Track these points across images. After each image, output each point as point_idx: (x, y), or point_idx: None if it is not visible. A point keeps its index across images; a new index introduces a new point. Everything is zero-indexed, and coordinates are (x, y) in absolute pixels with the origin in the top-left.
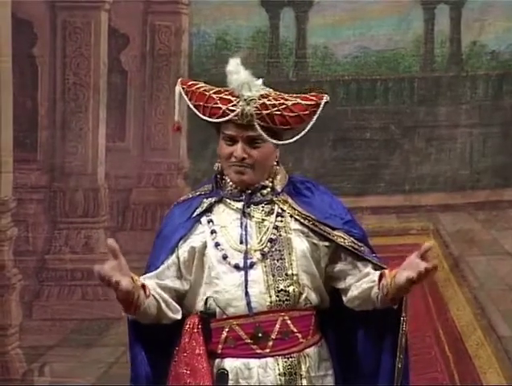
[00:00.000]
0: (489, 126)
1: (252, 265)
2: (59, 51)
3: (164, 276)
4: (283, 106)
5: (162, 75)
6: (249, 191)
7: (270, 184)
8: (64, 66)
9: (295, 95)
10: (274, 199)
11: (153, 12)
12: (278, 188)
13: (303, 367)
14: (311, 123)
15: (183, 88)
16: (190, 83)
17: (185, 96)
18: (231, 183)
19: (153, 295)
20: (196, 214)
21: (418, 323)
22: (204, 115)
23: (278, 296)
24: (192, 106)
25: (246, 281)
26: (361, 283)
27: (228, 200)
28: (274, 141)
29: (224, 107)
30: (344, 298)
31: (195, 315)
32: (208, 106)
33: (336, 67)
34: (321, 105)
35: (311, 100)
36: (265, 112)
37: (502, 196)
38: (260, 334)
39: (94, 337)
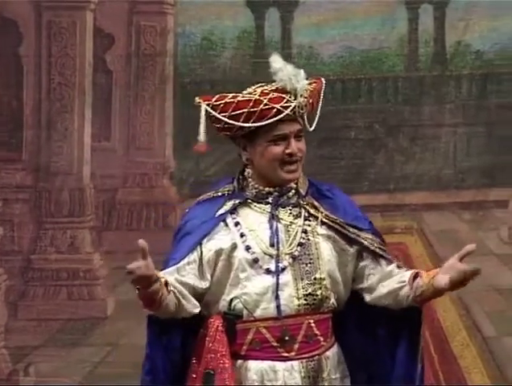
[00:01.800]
0: (473, 126)
1: (283, 269)
2: (44, 51)
3: (185, 271)
4: (315, 92)
5: (147, 75)
6: (277, 193)
7: (295, 186)
8: (49, 66)
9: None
10: (301, 202)
11: (138, 12)
12: (302, 191)
13: (324, 369)
14: (319, 107)
15: (208, 105)
16: (215, 97)
17: (213, 112)
18: (256, 185)
19: (173, 292)
20: (219, 213)
21: None
22: (246, 122)
23: (306, 300)
24: (224, 118)
25: (277, 284)
26: (390, 282)
27: (253, 203)
28: (311, 129)
29: (277, 105)
30: (367, 297)
31: (218, 315)
32: (256, 110)
33: (322, 67)
34: (323, 88)
35: (319, 84)
36: (310, 101)
37: (488, 196)
38: (287, 338)
39: (79, 337)
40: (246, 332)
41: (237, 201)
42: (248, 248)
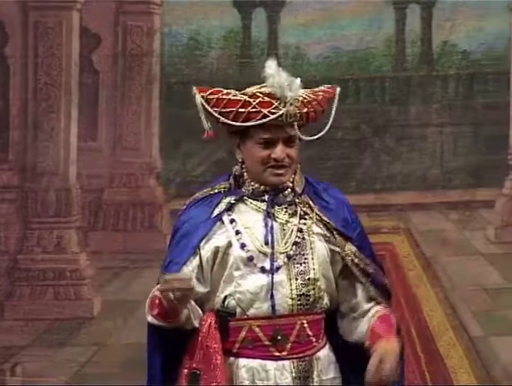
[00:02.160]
0: (459, 126)
1: (278, 268)
2: (30, 51)
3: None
4: (316, 102)
5: (134, 75)
6: (273, 192)
7: (291, 184)
8: (35, 66)
9: (316, 89)
10: (297, 200)
11: (125, 12)
12: (298, 189)
13: (315, 370)
14: (332, 116)
15: (202, 97)
16: (210, 90)
17: (205, 104)
18: (253, 183)
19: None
20: (216, 213)
21: None
22: (234, 120)
23: (299, 300)
24: (215, 113)
25: (272, 283)
26: (359, 324)
27: (249, 200)
28: (308, 138)
29: (265, 110)
30: (338, 320)
31: (212, 312)
32: (244, 111)
33: (308, 67)
34: (336, 98)
35: (328, 92)
36: (303, 110)
37: (474, 196)
38: (279, 337)
39: (66, 336)
40: (239, 330)
41: (233, 198)
42: (243, 246)
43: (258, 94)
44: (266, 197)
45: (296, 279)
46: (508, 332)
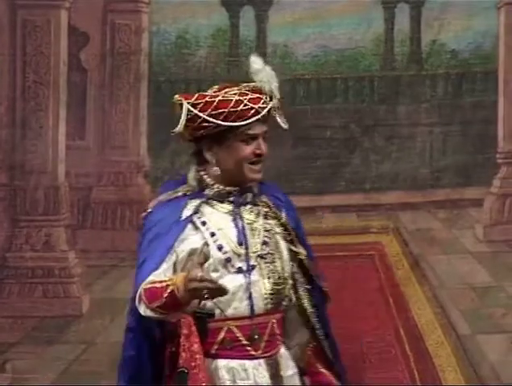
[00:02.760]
0: (448, 125)
1: (252, 268)
2: (18, 50)
3: (165, 276)
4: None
5: (122, 74)
6: (238, 193)
7: (252, 185)
8: (23, 64)
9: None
10: (257, 201)
11: (113, 10)
12: (255, 189)
13: (281, 367)
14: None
15: (188, 103)
16: (196, 96)
17: (193, 109)
18: (216, 185)
19: None
20: (185, 215)
21: (378, 322)
22: (225, 120)
23: (272, 299)
24: (206, 117)
25: (250, 283)
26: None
27: (214, 202)
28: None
29: (256, 106)
30: None
31: (189, 314)
32: (237, 110)
33: (296, 66)
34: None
35: None
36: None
37: (463, 195)
38: (256, 336)
39: (55, 334)
40: (218, 331)
41: (198, 201)
42: (220, 248)
43: (245, 91)
44: (232, 198)
45: (268, 278)
46: (495, 330)
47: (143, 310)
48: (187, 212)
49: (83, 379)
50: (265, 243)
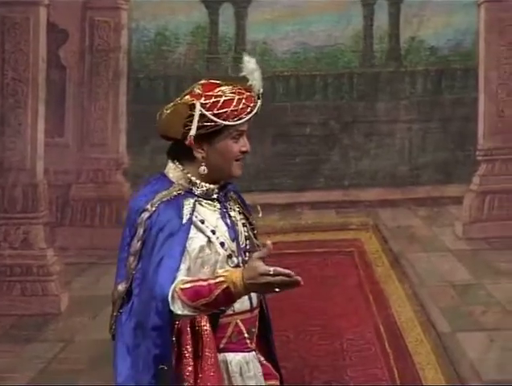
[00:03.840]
0: (428, 122)
1: (244, 263)
2: None
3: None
4: None
5: (101, 71)
6: (217, 190)
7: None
8: (2, 61)
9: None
10: (230, 197)
11: (92, 7)
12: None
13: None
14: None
15: (201, 104)
16: (204, 96)
17: (203, 110)
18: (203, 183)
19: None
20: (187, 215)
21: (359, 319)
22: (226, 120)
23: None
24: (213, 117)
25: None
26: None
27: (203, 201)
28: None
29: (252, 104)
30: None
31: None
32: (237, 109)
33: (276, 63)
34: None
35: None
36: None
37: (443, 192)
38: (253, 329)
39: (33, 333)
40: (227, 326)
41: (192, 200)
42: (222, 245)
43: (237, 91)
44: (217, 196)
45: None
46: (475, 328)
47: (179, 309)
48: (186, 212)
49: (61, 378)
50: (247, 238)
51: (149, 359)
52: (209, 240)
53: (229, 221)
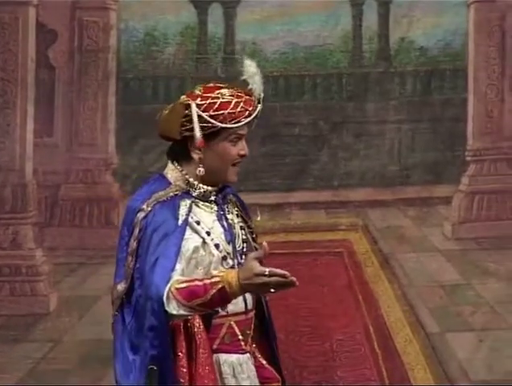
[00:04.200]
0: (417, 122)
1: (239, 265)
2: None
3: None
4: None
5: (90, 71)
6: (215, 193)
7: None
8: None
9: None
10: (229, 200)
11: (81, 7)
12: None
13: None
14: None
15: (196, 105)
16: (200, 97)
17: (199, 111)
18: (201, 185)
19: None
20: (183, 216)
21: (348, 320)
22: (222, 122)
23: (255, 294)
24: (208, 118)
25: None
26: None
27: (200, 202)
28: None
29: (250, 108)
30: None
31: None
32: (235, 112)
33: (265, 63)
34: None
35: None
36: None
37: (432, 193)
38: (248, 331)
39: (22, 333)
40: (220, 327)
41: (188, 201)
42: (217, 246)
43: (237, 94)
44: (215, 198)
45: None
46: (464, 328)
47: (174, 309)
48: (182, 213)
49: (50, 378)
50: (244, 241)
51: (146, 360)
52: (204, 241)
53: (225, 223)
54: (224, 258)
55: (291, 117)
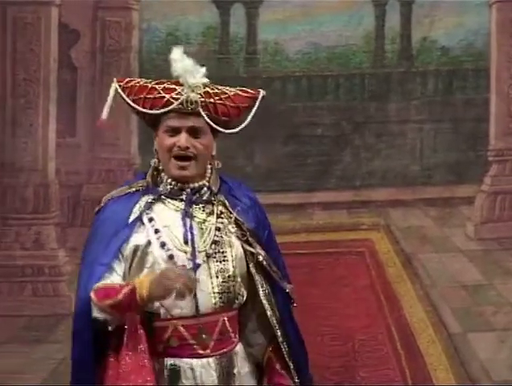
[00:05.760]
0: (439, 122)
1: (198, 267)
2: (9, 47)
3: (116, 275)
4: (225, 96)
5: (112, 71)
6: (189, 190)
7: (207, 183)
8: (13, 62)
9: (234, 88)
10: (213, 199)
11: (103, 7)
12: (214, 188)
13: (235, 365)
14: (250, 116)
15: (119, 86)
16: (127, 80)
17: (122, 93)
18: (170, 181)
19: None
20: (136, 213)
21: (370, 320)
22: (144, 108)
23: (221, 298)
24: (130, 102)
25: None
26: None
27: (167, 199)
28: (221, 129)
29: (167, 96)
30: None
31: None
32: (150, 98)
33: (287, 64)
34: (258, 99)
35: (250, 93)
36: (208, 100)
37: (454, 193)
38: (204, 336)
39: (44, 333)
40: (164, 330)
41: (151, 197)
42: (163, 245)
43: (163, 81)
44: (184, 196)
45: (217, 277)
46: (486, 329)
47: (94, 311)
48: (137, 209)
49: None
50: (215, 242)
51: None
52: (149, 240)
53: (188, 223)
54: (170, 257)
55: (314, 118)
